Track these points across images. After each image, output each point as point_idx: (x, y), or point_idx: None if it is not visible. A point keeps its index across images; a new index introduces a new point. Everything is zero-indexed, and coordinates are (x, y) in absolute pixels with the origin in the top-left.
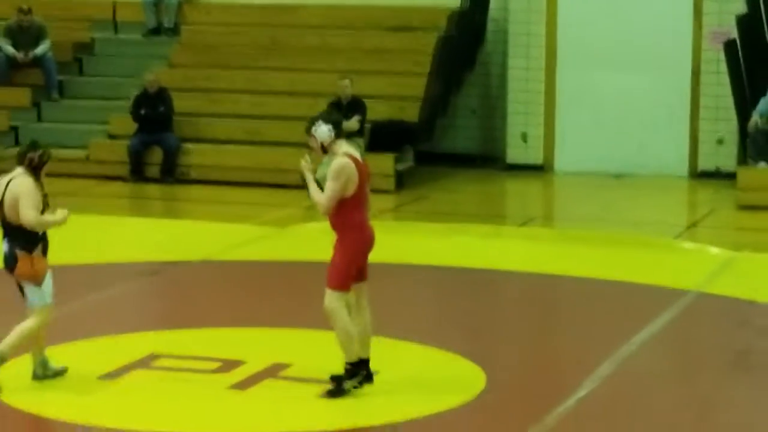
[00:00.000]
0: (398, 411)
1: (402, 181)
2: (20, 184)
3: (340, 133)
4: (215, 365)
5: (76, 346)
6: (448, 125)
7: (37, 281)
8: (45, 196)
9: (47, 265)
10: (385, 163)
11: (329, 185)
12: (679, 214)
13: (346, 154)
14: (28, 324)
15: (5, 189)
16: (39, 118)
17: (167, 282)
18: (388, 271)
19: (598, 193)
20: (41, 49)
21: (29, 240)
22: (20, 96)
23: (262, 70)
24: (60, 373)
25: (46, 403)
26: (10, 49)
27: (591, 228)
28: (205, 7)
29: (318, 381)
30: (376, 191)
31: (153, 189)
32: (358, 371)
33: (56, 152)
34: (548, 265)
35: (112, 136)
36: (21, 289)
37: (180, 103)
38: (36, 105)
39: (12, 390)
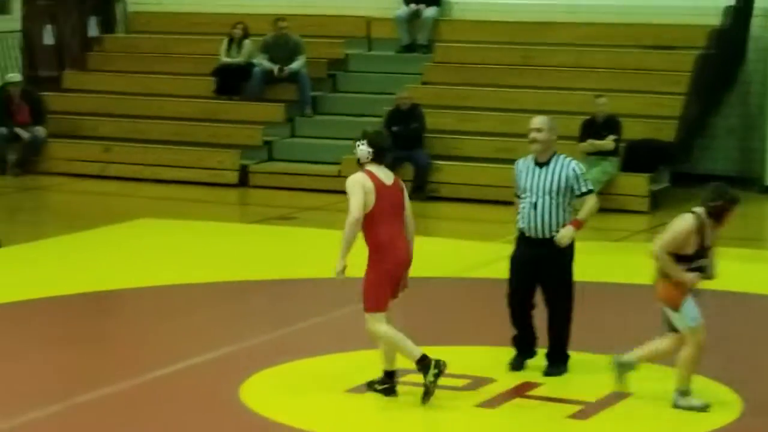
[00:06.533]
0: None
1: (657, 202)
2: (677, 218)
3: (379, 159)
4: (464, 382)
5: (324, 360)
6: (706, 146)
7: (674, 305)
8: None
9: (687, 290)
10: (639, 183)
11: (350, 201)
12: None
13: (364, 170)
14: (684, 352)
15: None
16: (292, 134)
17: (415, 298)
18: (640, 293)
19: None
20: (296, 64)
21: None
22: (274, 111)
23: (514, 88)
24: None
25: (295, 413)
26: (266, 63)
27: None
28: (460, 24)
29: (568, 401)
30: (630, 212)
31: None
32: (429, 361)
33: (309, 167)
34: None
35: None
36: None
37: (432, 120)
38: (290, 120)
39: (259, 394)
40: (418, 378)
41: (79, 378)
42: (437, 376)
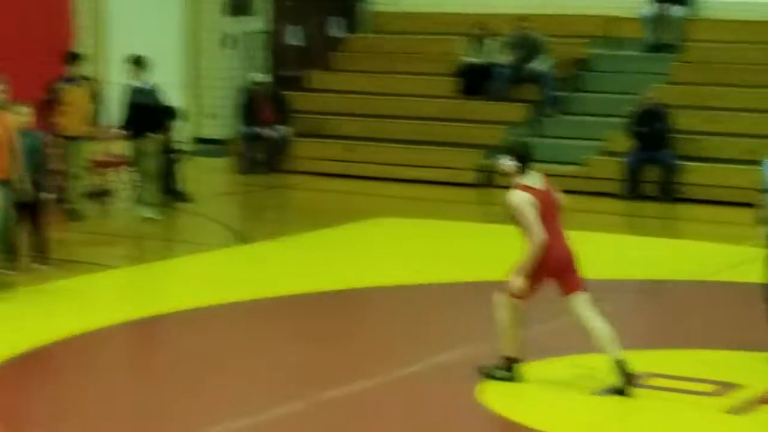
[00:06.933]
0: None
1: None
2: None
3: (524, 169)
4: (710, 388)
5: (567, 360)
6: None
7: None
8: None
9: None
10: None
11: (523, 221)
12: None
13: (520, 186)
14: None
15: None
16: (535, 134)
17: (660, 300)
18: None
19: None
20: (539, 64)
21: None
22: (517, 111)
23: (764, 88)
24: None
25: (536, 415)
26: (508, 63)
27: None
28: (707, 23)
29: None
30: None
31: (649, 207)
32: (510, 365)
33: (552, 168)
34: None
35: (608, 153)
36: None
37: (678, 120)
38: (533, 120)
39: (497, 396)
40: (664, 382)
41: (321, 376)
42: (492, 377)
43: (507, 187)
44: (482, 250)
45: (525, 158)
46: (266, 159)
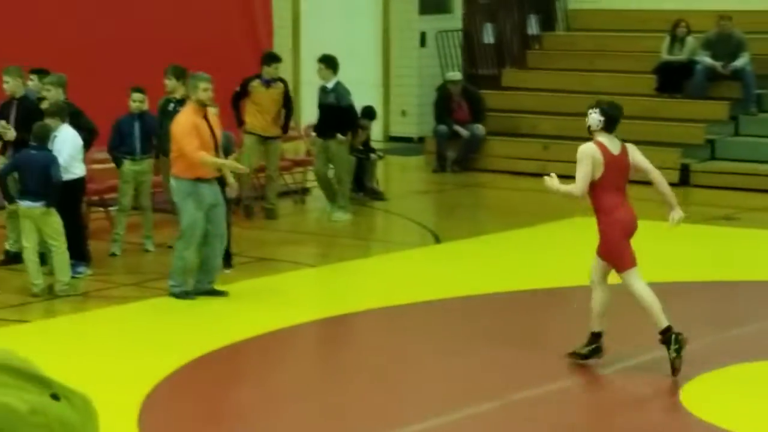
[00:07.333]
0: None
1: None
2: None
3: (609, 128)
4: None
5: (763, 365)
6: None
7: None
8: None
9: None
10: None
11: (577, 170)
12: None
13: (595, 141)
14: None
15: None
16: (736, 132)
17: None
18: None
19: None
20: (740, 61)
21: None
22: (717, 109)
23: None
24: None
25: (740, 419)
26: (708, 60)
27: None
28: None
29: None
30: None
31: None
32: (671, 333)
33: (754, 167)
34: None
35: None
36: None
37: None
38: (733, 118)
39: (703, 402)
40: None
41: (515, 375)
42: (678, 351)
43: (702, 186)
44: (677, 251)
45: (612, 117)
46: (460, 157)
